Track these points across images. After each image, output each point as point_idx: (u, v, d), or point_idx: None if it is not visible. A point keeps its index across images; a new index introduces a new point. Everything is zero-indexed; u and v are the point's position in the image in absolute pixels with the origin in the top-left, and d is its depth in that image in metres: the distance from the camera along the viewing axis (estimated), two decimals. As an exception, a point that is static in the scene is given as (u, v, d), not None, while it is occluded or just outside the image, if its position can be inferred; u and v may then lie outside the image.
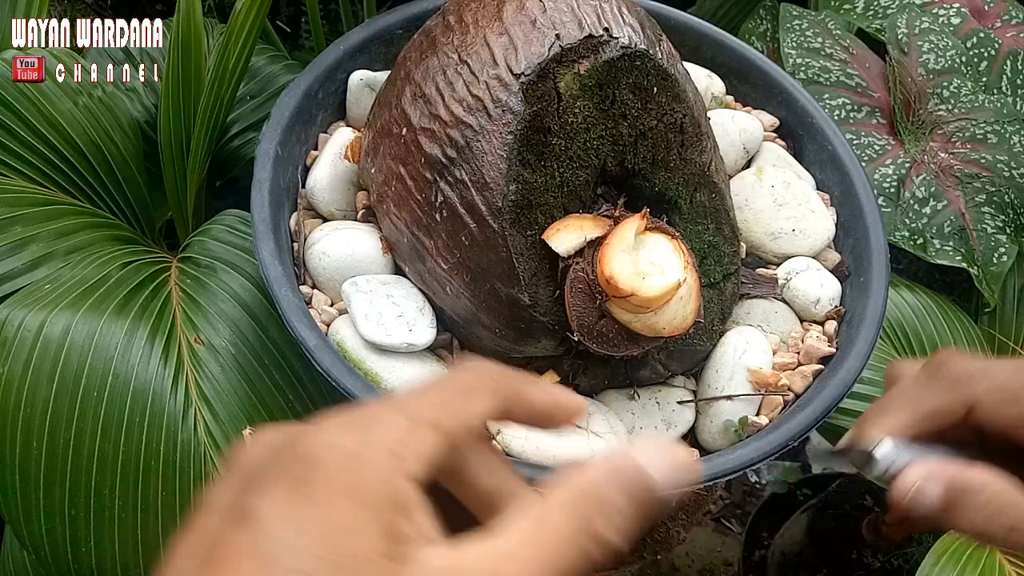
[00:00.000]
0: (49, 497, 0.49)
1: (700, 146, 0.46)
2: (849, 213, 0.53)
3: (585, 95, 0.43)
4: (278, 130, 0.50)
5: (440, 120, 0.44)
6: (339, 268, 0.47)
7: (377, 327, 0.43)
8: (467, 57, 0.44)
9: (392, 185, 0.46)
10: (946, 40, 0.83)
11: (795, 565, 0.90)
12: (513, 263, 0.41)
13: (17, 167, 0.59)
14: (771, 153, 0.56)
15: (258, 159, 0.49)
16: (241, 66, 0.58)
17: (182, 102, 0.59)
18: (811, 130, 0.57)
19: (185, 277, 0.56)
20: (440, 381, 0.24)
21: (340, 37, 0.56)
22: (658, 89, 0.44)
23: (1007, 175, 0.77)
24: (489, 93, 0.42)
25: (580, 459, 0.42)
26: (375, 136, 0.48)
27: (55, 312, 0.51)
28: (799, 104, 0.57)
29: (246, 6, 0.54)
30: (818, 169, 0.56)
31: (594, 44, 0.43)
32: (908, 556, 0.85)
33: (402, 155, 0.46)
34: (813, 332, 0.49)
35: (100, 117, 0.61)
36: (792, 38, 0.82)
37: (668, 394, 0.46)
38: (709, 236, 0.47)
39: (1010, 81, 0.84)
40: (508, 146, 0.41)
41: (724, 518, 1.09)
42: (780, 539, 0.93)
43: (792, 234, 0.52)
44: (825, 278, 0.50)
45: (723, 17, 0.92)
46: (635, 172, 0.45)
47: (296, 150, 0.53)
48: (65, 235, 0.57)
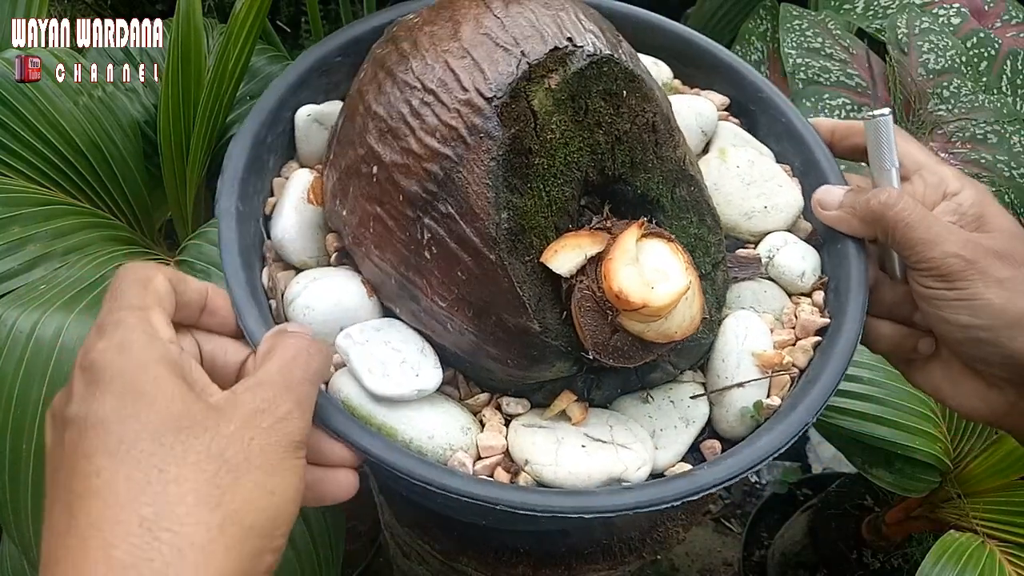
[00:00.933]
0: (36, 499, 0.49)
1: (673, 142, 0.46)
2: (813, 181, 0.54)
3: (559, 109, 0.42)
4: (235, 184, 0.48)
5: (413, 154, 0.42)
6: (326, 321, 0.45)
7: (384, 379, 0.42)
8: (432, 85, 0.42)
9: (370, 227, 0.45)
10: (946, 40, 0.84)
11: (795, 565, 0.92)
12: (517, 292, 0.40)
13: (17, 167, 0.59)
14: (728, 132, 0.57)
15: (221, 218, 0.46)
16: (241, 66, 0.57)
17: (182, 102, 0.59)
18: (762, 104, 0.57)
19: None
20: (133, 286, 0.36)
21: (278, 76, 0.53)
22: (627, 92, 0.44)
23: (1007, 175, 0.78)
24: (463, 120, 0.41)
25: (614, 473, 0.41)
26: (341, 177, 0.47)
27: (48, 313, 0.51)
28: (747, 80, 0.58)
29: (246, 6, 0.54)
30: (774, 142, 0.57)
31: (560, 56, 0.42)
32: (908, 556, 0.87)
33: (377, 195, 0.44)
34: (804, 305, 0.50)
35: (100, 117, 0.61)
36: (792, 38, 0.82)
37: (680, 391, 0.46)
38: (694, 229, 0.47)
39: (1010, 81, 0.86)
40: (492, 173, 0.40)
41: (724, 518, 1.11)
42: (780, 539, 0.94)
43: (765, 211, 0.53)
44: (805, 250, 0.51)
45: (723, 17, 0.93)
46: (616, 178, 0.44)
47: (254, 202, 0.50)
48: (63, 235, 0.57)
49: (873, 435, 0.68)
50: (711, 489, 0.40)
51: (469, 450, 0.43)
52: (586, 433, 0.43)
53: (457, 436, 0.42)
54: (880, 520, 0.87)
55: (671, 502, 0.39)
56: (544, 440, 0.43)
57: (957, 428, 0.75)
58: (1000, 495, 0.71)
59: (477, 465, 0.42)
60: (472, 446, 0.43)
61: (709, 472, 0.41)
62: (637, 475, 0.42)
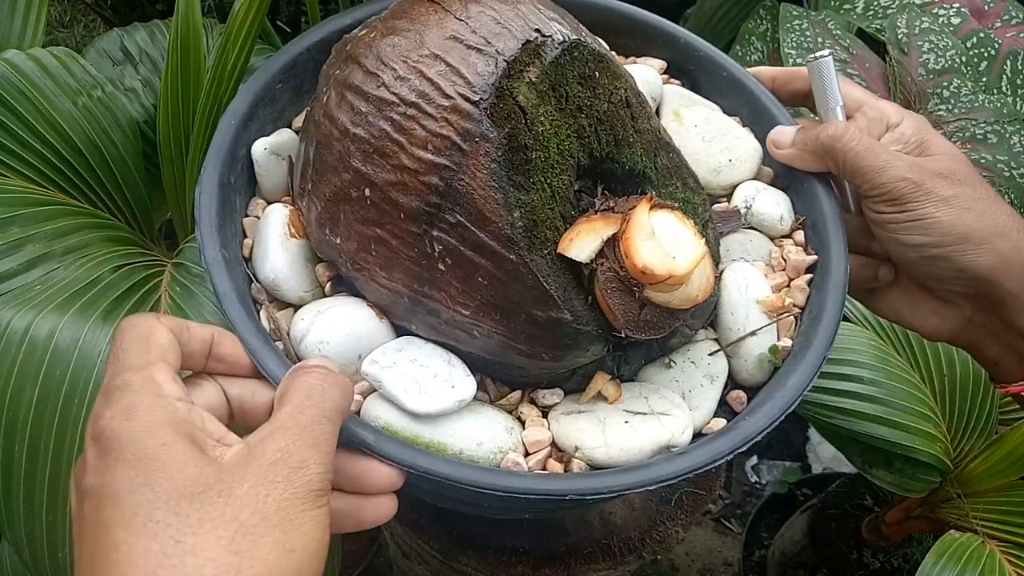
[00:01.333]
0: (29, 501, 0.50)
1: (646, 113, 0.47)
2: (765, 127, 0.56)
3: (544, 101, 0.42)
4: (214, 232, 0.46)
5: (408, 170, 0.42)
6: (343, 352, 0.44)
7: (422, 397, 0.42)
8: (411, 98, 0.42)
9: (371, 250, 0.44)
10: (946, 40, 0.85)
11: (795, 565, 0.93)
12: (544, 287, 0.41)
13: (16, 167, 0.58)
14: (675, 95, 0.58)
15: (211, 270, 0.44)
16: (240, 66, 0.57)
17: (181, 102, 0.59)
18: (700, 62, 0.59)
19: (175, 285, 0.56)
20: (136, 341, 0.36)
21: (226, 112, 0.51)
22: (599, 73, 0.44)
23: (1007, 175, 0.79)
24: (453, 128, 0.41)
25: (662, 442, 0.43)
26: (328, 204, 0.45)
27: (42, 314, 0.51)
28: (682, 41, 0.60)
29: (245, 6, 0.53)
30: (719, 96, 0.59)
31: (533, 48, 0.42)
32: (908, 556, 0.87)
33: (374, 217, 0.43)
34: (788, 246, 0.52)
35: (99, 117, 0.61)
36: (792, 38, 0.83)
37: (697, 351, 0.48)
38: (680, 193, 0.48)
39: (1010, 81, 0.87)
40: (495, 174, 0.40)
41: (724, 518, 1.13)
42: (780, 539, 0.96)
43: (730, 164, 0.55)
44: (777, 194, 0.53)
45: (723, 17, 0.93)
46: (603, 158, 0.45)
47: (232, 245, 0.48)
48: (63, 235, 0.57)
49: (873, 435, 0.68)
50: (757, 437, 0.42)
51: (517, 449, 0.43)
52: (625, 409, 0.44)
53: (503, 437, 0.43)
54: (880, 520, 0.87)
55: (726, 456, 0.41)
56: (588, 424, 0.43)
57: (957, 428, 0.75)
58: (1000, 495, 0.71)
59: (530, 461, 0.43)
60: (519, 444, 0.43)
61: (752, 422, 0.43)
62: (683, 439, 0.43)
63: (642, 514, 0.70)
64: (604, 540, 0.68)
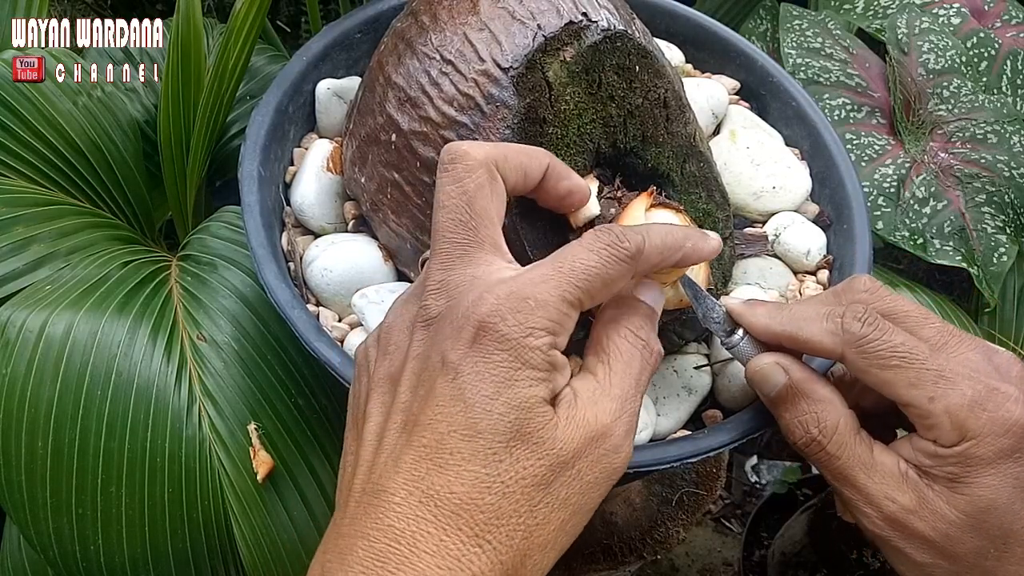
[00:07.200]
0: (56, 497, 0.49)
1: (684, 118, 0.47)
2: (822, 165, 0.55)
3: (573, 82, 0.43)
4: (257, 150, 0.49)
5: (432, 122, 0.44)
6: (343, 283, 0.47)
7: (397, 336, 0.43)
8: (450, 56, 0.44)
9: (388, 193, 0.46)
10: (946, 40, 0.84)
11: (795, 565, 0.90)
12: (528, 255, 0.41)
13: (17, 167, 0.58)
14: (738, 115, 0.58)
15: (243, 183, 0.48)
16: (241, 66, 0.57)
17: (182, 102, 0.59)
18: (773, 89, 0.59)
19: (185, 275, 0.56)
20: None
21: (301, 48, 0.55)
22: (640, 67, 0.45)
23: (1007, 175, 0.78)
24: (479, 90, 0.42)
25: None
26: (360, 145, 0.48)
27: (56, 312, 0.51)
28: (758, 65, 0.59)
29: (246, 6, 0.54)
30: (784, 126, 0.58)
31: (575, 30, 0.43)
32: None
33: (395, 161, 0.45)
34: (808, 283, 0.51)
35: (100, 117, 0.61)
36: (792, 38, 0.82)
37: (684, 362, 0.48)
38: (702, 204, 0.48)
39: (1010, 81, 0.85)
40: (506, 140, 0.42)
41: (724, 518, 1.11)
42: (780, 539, 0.93)
43: (773, 191, 0.54)
44: (811, 229, 0.52)
45: (723, 17, 0.93)
46: (627, 151, 0.46)
47: (275, 168, 0.52)
48: (66, 235, 0.57)
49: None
50: (710, 453, 0.42)
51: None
52: (591, 397, 0.45)
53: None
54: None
55: (671, 463, 0.41)
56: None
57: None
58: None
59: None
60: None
61: (711, 439, 0.42)
62: (638, 438, 0.43)
63: (643, 514, 0.70)
64: (605, 540, 0.68)
